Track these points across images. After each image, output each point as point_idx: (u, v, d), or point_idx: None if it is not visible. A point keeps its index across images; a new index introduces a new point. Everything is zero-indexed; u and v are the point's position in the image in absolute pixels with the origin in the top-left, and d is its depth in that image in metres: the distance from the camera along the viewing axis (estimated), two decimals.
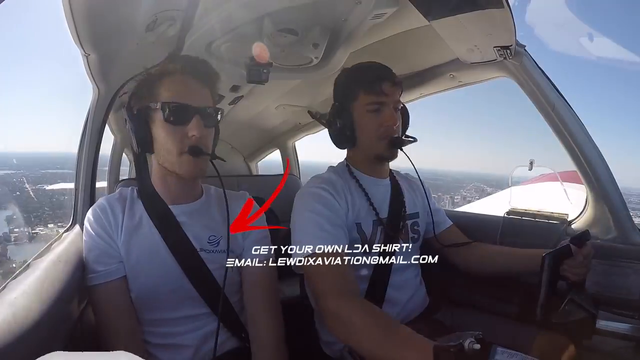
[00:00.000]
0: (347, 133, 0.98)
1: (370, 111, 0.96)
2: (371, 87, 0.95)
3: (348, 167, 1.03)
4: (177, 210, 0.86)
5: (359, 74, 0.99)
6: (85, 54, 0.94)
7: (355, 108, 0.97)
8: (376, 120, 0.96)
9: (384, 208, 1.01)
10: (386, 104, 0.96)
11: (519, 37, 0.98)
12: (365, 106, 0.96)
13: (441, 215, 1.16)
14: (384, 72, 0.97)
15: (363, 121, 0.97)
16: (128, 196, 0.87)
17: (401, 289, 1.00)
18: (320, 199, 0.91)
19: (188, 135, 0.79)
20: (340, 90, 1.01)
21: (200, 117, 0.79)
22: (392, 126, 0.96)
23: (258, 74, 1.20)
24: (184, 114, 0.79)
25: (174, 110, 0.78)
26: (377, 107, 0.96)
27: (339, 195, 0.94)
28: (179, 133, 0.79)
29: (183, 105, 0.79)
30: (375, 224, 0.98)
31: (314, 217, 0.88)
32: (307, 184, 0.98)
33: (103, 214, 0.83)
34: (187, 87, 0.81)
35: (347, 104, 0.98)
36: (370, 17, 0.99)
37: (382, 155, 0.99)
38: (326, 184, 0.94)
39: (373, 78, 0.96)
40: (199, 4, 0.92)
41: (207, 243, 0.85)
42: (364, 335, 0.71)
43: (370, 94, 0.95)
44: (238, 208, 0.91)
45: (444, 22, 0.90)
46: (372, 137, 0.97)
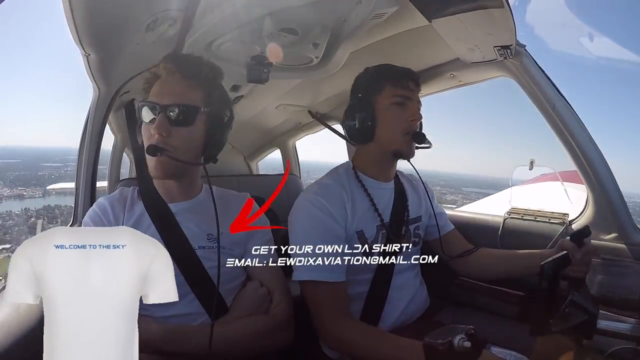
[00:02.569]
0: (367, 124, 0.96)
1: (396, 104, 0.96)
2: (398, 81, 0.96)
3: (354, 171, 1.02)
4: (175, 208, 0.86)
5: (386, 69, 1.00)
6: (85, 54, 0.95)
7: (379, 101, 0.97)
8: (402, 113, 0.96)
9: (387, 212, 1.01)
10: (411, 99, 0.97)
11: (519, 36, 0.98)
12: (392, 98, 0.96)
13: (444, 219, 1.15)
14: (409, 71, 1.00)
15: (387, 114, 0.96)
16: (129, 196, 0.88)
17: (402, 290, 0.99)
18: (314, 216, 0.91)
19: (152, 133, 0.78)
20: (364, 83, 1.01)
21: (164, 115, 0.78)
22: (417, 121, 0.97)
23: (258, 73, 1.20)
24: (151, 112, 0.79)
25: (142, 110, 0.79)
26: (403, 100, 0.96)
27: (336, 206, 0.92)
28: (148, 132, 0.79)
29: (149, 104, 0.79)
30: (379, 229, 0.97)
31: (307, 238, 0.89)
32: (302, 194, 0.97)
33: (103, 214, 0.83)
34: (164, 85, 0.81)
35: (371, 97, 0.98)
36: (371, 17, 0.98)
37: (401, 151, 0.98)
38: (322, 196, 0.92)
39: (401, 73, 0.98)
40: (199, 4, 0.92)
41: (206, 240, 0.85)
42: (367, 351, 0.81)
43: (397, 88, 0.96)
44: (239, 207, 0.91)
45: (444, 21, 0.90)
46: (395, 131, 0.96)
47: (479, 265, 1.09)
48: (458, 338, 0.55)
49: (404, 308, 0.99)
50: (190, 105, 0.79)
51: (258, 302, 0.85)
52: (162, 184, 0.86)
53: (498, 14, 0.84)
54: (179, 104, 0.78)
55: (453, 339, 0.55)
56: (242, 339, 0.80)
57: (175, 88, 0.80)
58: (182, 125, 0.79)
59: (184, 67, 0.81)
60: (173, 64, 0.81)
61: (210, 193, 0.92)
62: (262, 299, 0.86)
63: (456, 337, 0.55)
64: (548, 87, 1.06)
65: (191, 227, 0.85)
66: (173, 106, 0.78)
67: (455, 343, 0.55)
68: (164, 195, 0.86)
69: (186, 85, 0.80)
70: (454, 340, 0.55)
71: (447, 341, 0.55)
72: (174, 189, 0.87)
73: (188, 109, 0.79)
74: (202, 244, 0.84)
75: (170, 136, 0.78)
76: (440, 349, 0.55)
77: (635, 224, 1.07)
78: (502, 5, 0.81)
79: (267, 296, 0.87)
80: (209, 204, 0.90)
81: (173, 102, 0.78)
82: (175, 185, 0.87)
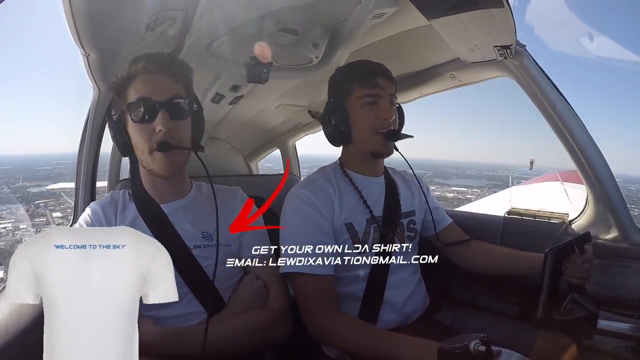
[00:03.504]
0: (342, 129, 0.97)
1: (366, 104, 0.95)
2: (366, 80, 0.95)
3: (341, 167, 1.03)
4: (167, 209, 0.86)
5: (353, 69, 0.99)
6: (85, 54, 0.95)
7: (351, 103, 0.97)
8: (372, 113, 0.95)
9: (379, 207, 1.01)
10: (382, 97, 0.95)
11: (519, 36, 0.98)
12: (361, 99, 0.95)
13: (440, 213, 1.15)
14: (378, 67, 0.98)
15: (359, 115, 0.96)
16: (120, 199, 0.88)
17: (398, 289, 0.99)
18: (301, 211, 0.92)
19: (155, 131, 0.78)
20: (335, 86, 1.01)
21: (165, 111, 0.78)
22: (389, 119, 0.95)
23: (258, 73, 1.20)
24: (149, 110, 0.78)
25: (138, 109, 0.79)
26: (372, 99, 0.95)
27: (323, 199, 0.93)
28: (147, 130, 0.79)
29: (145, 101, 0.78)
30: (369, 222, 0.97)
31: (294, 235, 0.90)
32: (291, 190, 0.98)
33: (95, 218, 0.83)
34: (150, 83, 0.81)
35: (342, 100, 0.98)
36: (371, 17, 0.98)
37: (377, 151, 0.99)
38: (308, 190, 0.94)
39: (368, 72, 0.96)
40: (199, 4, 0.92)
41: (201, 238, 0.85)
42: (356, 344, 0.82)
43: (365, 87, 0.95)
44: (231, 203, 0.91)
45: (444, 21, 0.90)
46: (367, 131, 0.96)
47: (478, 256, 1.09)
48: (474, 343, 0.59)
49: (402, 307, 0.99)
50: (182, 99, 0.82)
51: (255, 296, 0.86)
52: (153, 185, 0.86)
53: (498, 14, 0.84)
54: (174, 99, 0.80)
55: (469, 344, 0.59)
56: (240, 334, 0.80)
57: (164, 84, 0.81)
58: (180, 119, 0.81)
59: (165, 65, 0.83)
60: (154, 63, 0.82)
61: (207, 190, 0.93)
62: (259, 293, 0.86)
63: (472, 342, 0.59)
64: (548, 87, 1.06)
65: (186, 227, 0.85)
66: (170, 101, 0.79)
67: (471, 347, 0.59)
68: (156, 196, 0.86)
69: (171, 81, 0.82)
70: (469, 345, 0.59)
71: (463, 345, 0.59)
72: (166, 189, 0.87)
73: (181, 103, 0.81)
74: (197, 243, 0.84)
75: (175, 130, 0.79)
76: (457, 352, 0.59)
77: (635, 224, 1.07)
78: (502, 5, 0.80)
79: (264, 289, 0.87)
80: (201, 201, 0.90)
81: (170, 97, 0.80)
82: (166, 184, 0.87)
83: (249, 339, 0.81)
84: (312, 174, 1.03)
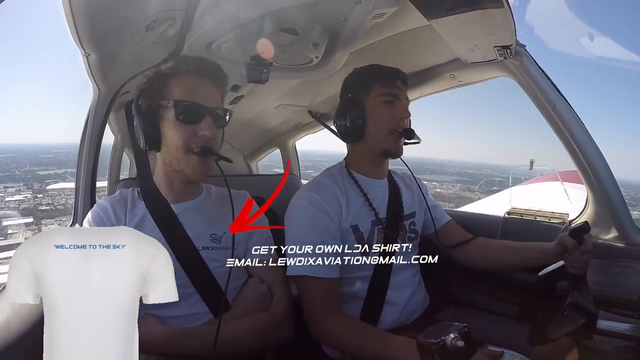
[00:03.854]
0: (358, 124, 0.98)
1: (384, 102, 0.97)
2: (387, 80, 0.98)
3: (347, 169, 1.03)
4: (178, 209, 0.86)
5: (374, 69, 1.01)
6: (85, 54, 0.94)
7: (369, 100, 0.98)
8: (390, 111, 0.97)
9: (383, 208, 1.02)
10: (400, 98, 0.98)
11: (519, 36, 0.98)
12: (380, 97, 0.97)
13: (439, 211, 1.16)
14: (398, 71, 1.01)
15: (376, 112, 0.98)
16: (129, 197, 0.87)
17: (400, 289, 1.00)
18: (308, 213, 0.92)
19: (198, 134, 0.79)
20: (353, 84, 1.02)
21: (211, 118, 0.80)
22: (404, 119, 0.98)
23: (258, 73, 1.20)
24: (196, 113, 0.80)
25: (186, 109, 0.79)
26: (392, 98, 0.97)
27: (330, 202, 0.94)
28: (189, 132, 0.79)
29: (196, 105, 0.79)
30: (374, 224, 0.98)
31: (301, 236, 0.90)
32: (297, 192, 0.98)
33: (105, 215, 0.83)
34: (200, 87, 0.81)
35: (360, 97, 0.99)
36: (371, 17, 0.98)
37: (389, 151, 1.00)
38: (316, 192, 0.94)
39: (389, 72, 1.00)
40: (199, 4, 0.92)
41: (210, 240, 0.85)
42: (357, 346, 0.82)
43: (385, 87, 0.98)
44: (239, 207, 0.92)
45: (444, 21, 0.90)
46: (383, 129, 0.97)
47: (479, 255, 1.09)
48: (451, 337, 0.54)
49: (403, 307, 0.99)
50: (223, 109, 0.84)
51: (258, 299, 0.86)
52: (170, 184, 0.86)
53: (498, 14, 0.84)
54: (218, 107, 0.83)
55: (446, 339, 0.54)
56: (243, 337, 0.80)
57: (210, 91, 0.83)
58: (220, 127, 0.84)
59: (215, 74, 0.85)
60: (206, 68, 0.83)
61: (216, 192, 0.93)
62: (263, 296, 0.86)
63: (449, 336, 0.54)
64: (548, 87, 1.06)
65: (195, 228, 0.85)
66: (217, 109, 0.82)
67: (448, 343, 0.54)
68: (167, 195, 0.86)
69: (215, 89, 0.85)
70: (446, 340, 0.54)
71: (439, 340, 0.54)
72: (182, 190, 0.87)
73: (223, 112, 0.84)
74: (205, 245, 0.84)
75: (214, 138, 0.81)
76: (432, 348, 0.54)
77: (635, 224, 1.07)
78: (502, 5, 0.81)
79: (268, 293, 0.87)
80: (211, 203, 0.90)
81: (216, 106, 0.83)
82: (184, 185, 0.87)
83: (251, 341, 0.81)
84: (318, 176, 1.03)
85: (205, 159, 0.80)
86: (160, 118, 0.81)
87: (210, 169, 0.83)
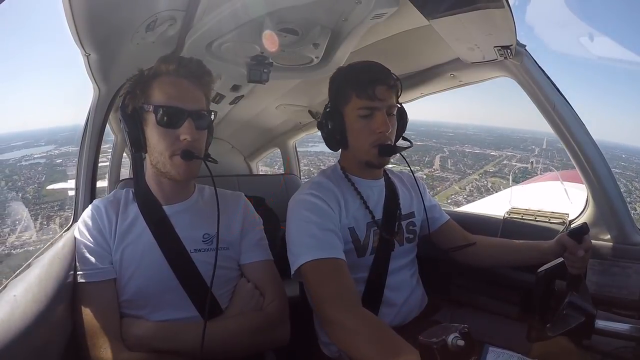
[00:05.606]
0: (338, 137, 0.96)
1: (361, 117, 0.92)
2: (363, 90, 0.90)
3: (342, 171, 1.02)
4: (170, 210, 0.86)
5: (352, 75, 0.94)
6: (85, 54, 0.95)
7: (347, 111, 0.94)
8: (367, 126, 0.92)
9: (379, 209, 1.00)
10: (379, 109, 0.91)
11: (519, 36, 0.98)
12: (357, 111, 0.92)
13: (437, 211, 1.15)
14: (378, 75, 0.92)
15: (354, 126, 0.93)
16: (122, 198, 0.87)
17: (397, 290, 0.99)
18: (310, 205, 0.90)
19: (180, 138, 0.78)
20: (334, 90, 0.98)
21: (192, 121, 0.79)
22: (384, 133, 0.91)
23: (258, 73, 1.20)
24: (176, 117, 0.78)
25: (165, 114, 0.78)
26: (368, 112, 0.91)
27: (330, 199, 0.92)
28: (171, 136, 0.79)
29: (175, 109, 0.78)
30: (369, 226, 0.97)
31: (304, 226, 0.87)
32: (298, 191, 0.97)
33: (98, 216, 0.83)
34: (180, 90, 0.80)
35: (340, 106, 0.95)
36: (371, 17, 0.98)
37: (371, 163, 0.97)
38: (316, 189, 0.93)
39: (366, 81, 0.91)
40: (199, 4, 0.92)
41: (202, 242, 0.85)
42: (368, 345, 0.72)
43: (362, 98, 0.91)
44: (234, 207, 0.91)
45: (444, 21, 0.90)
46: (362, 143, 0.94)
47: (479, 253, 1.09)
48: (452, 337, 0.55)
49: (400, 307, 0.99)
50: (207, 111, 0.83)
51: (247, 298, 0.85)
52: (160, 185, 0.86)
53: (498, 13, 0.83)
54: (201, 110, 0.81)
55: (447, 338, 0.55)
56: (235, 335, 0.80)
57: (193, 94, 0.81)
58: (203, 129, 0.83)
59: (196, 74, 0.82)
60: (186, 69, 0.81)
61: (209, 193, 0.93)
62: (250, 295, 0.86)
63: (450, 336, 0.55)
64: (548, 87, 1.06)
65: (187, 230, 0.84)
66: (198, 112, 0.80)
67: (449, 342, 0.54)
68: (160, 197, 0.86)
69: (198, 90, 0.83)
70: (447, 339, 0.55)
71: (440, 340, 0.55)
72: (172, 191, 0.87)
73: (206, 114, 0.83)
74: (197, 247, 0.84)
75: (197, 140, 0.80)
76: (434, 347, 0.55)
77: (635, 224, 1.07)
78: (502, 5, 0.80)
79: (255, 291, 0.87)
80: (203, 204, 0.90)
81: (198, 108, 0.81)
82: (173, 186, 0.86)
83: (242, 340, 0.80)
84: (315, 177, 1.02)
85: (188, 161, 0.79)
86: (144, 121, 0.81)
87: (194, 171, 0.82)
